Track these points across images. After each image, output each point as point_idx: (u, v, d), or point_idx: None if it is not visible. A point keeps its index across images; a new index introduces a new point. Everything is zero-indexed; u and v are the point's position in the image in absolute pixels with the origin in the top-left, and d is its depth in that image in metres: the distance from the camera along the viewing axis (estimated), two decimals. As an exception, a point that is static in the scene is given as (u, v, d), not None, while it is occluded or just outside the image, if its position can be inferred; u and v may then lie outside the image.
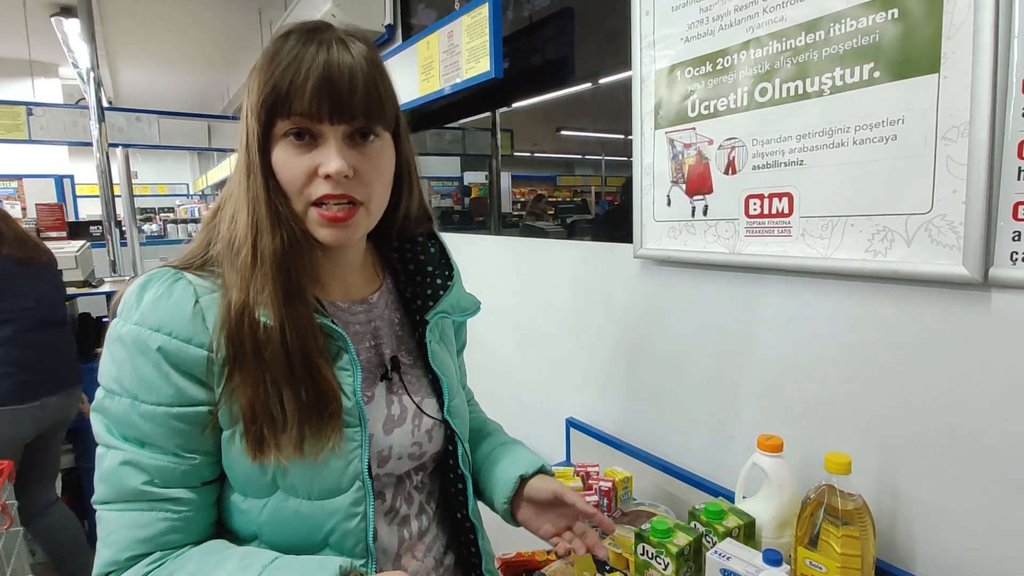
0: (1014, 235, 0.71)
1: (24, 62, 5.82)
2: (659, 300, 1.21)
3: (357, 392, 0.65)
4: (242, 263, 0.61)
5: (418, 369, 0.76)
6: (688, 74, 1.07)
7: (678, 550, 0.81)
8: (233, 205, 0.64)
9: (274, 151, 0.62)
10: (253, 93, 0.62)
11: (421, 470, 0.76)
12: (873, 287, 0.86)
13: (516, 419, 1.75)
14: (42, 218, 3.56)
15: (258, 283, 0.61)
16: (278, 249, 0.61)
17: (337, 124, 0.61)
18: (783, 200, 0.94)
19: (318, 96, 0.59)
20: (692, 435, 1.18)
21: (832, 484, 0.78)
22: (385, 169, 0.67)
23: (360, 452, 0.65)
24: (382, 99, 0.64)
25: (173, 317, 0.60)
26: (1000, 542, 0.76)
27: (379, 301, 0.76)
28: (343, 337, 0.65)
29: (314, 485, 0.63)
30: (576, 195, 10.62)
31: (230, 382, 0.60)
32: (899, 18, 0.78)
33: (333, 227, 0.63)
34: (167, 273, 0.63)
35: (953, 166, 0.74)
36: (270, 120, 0.61)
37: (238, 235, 0.62)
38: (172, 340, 0.59)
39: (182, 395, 0.60)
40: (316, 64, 0.59)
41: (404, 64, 1.99)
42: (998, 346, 0.74)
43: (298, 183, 0.62)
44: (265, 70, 0.61)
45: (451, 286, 0.78)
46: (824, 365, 0.93)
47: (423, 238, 0.81)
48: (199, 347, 0.60)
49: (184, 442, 0.61)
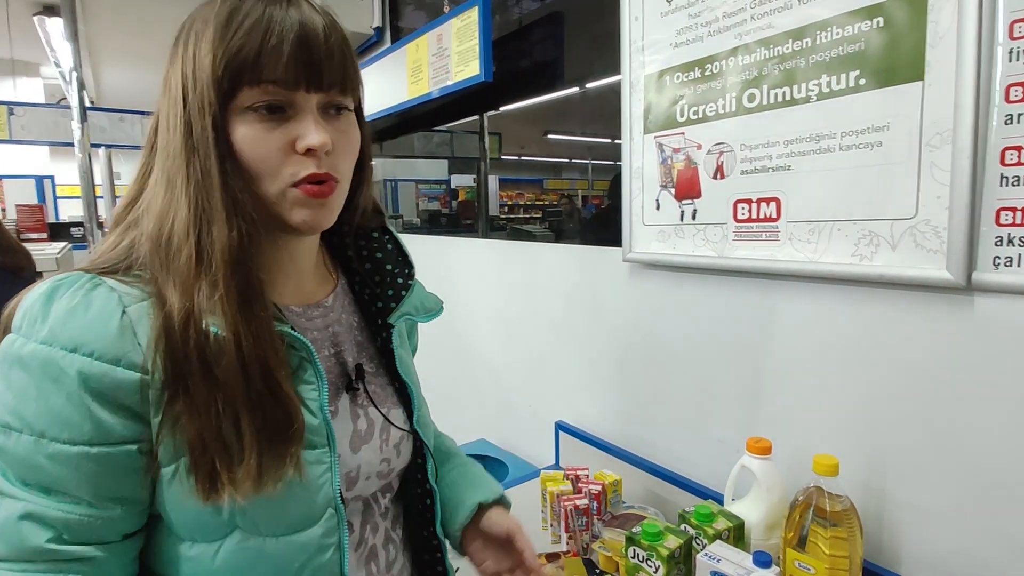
0: (996, 240, 0.72)
1: (6, 61, 5.73)
2: (648, 304, 1.22)
3: (324, 408, 0.58)
4: (183, 263, 0.51)
5: (382, 377, 0.69)
6: (677, 79, 1.08)
7: (669, 553, 0.82)
8: (162, 196, 0.54)
9: (234, 127, 0.53)
10: (206, 58, 0.52)
11: (388, 491, 0.70)
12: (859, 291, 0.87)
13: (505, 422, 1.74)
14: (22, 219, 3.51)
15: (205, 286, 0.51)
16: (233, 243, 0.52)
17: (313, 93, 0.54)
18: (771, 205, 0.95)
19: (295, 61, 0.52)
20: (681, 438, 1.18)
21: (820, 486, 0.79)
22: (355, 144, 0.61)
23: (330, 476, 0.57)
24: (355, 68, 0.58)
25: (94, 333, 0.48)
26: (985, 542, 0.78)
27: (335, 304, 0.68)
28: (306, 346, 0.57)
29: (281, 519, 0.55)
30: (563, 198, 10.66)
31: (172, 408, 0.50)
32: (884, 26, 0.79)
33: (312, 207, 0.56)
34: (80, 279, 0.51)
35: (937, 172, 0.76)
36: (233, 89, 0.52)
37: (176, 231, 0.52)
38: (95, 362, 0.48)
39: (105, 432, 0.49)
40: (290, 24, 0.52)
41: (392, 67, 1.99)
42: (981, 349, 0.76)
43: (273, 161, 0.54)
44: (223, 30, 0.52)
45: (412, 285, 0.71)
46: (811, 368, 0.94)
47: (377, 233, 0.73)
48: (129, 369, 0.49)
49: (102, 489, 0.50)
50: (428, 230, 3.01)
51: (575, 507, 1.06)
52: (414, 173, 4.07)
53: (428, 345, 0.97)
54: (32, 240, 3.55)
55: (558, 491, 1.12)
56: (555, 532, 1.14)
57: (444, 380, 2.03)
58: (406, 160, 3.46)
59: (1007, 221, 0.71)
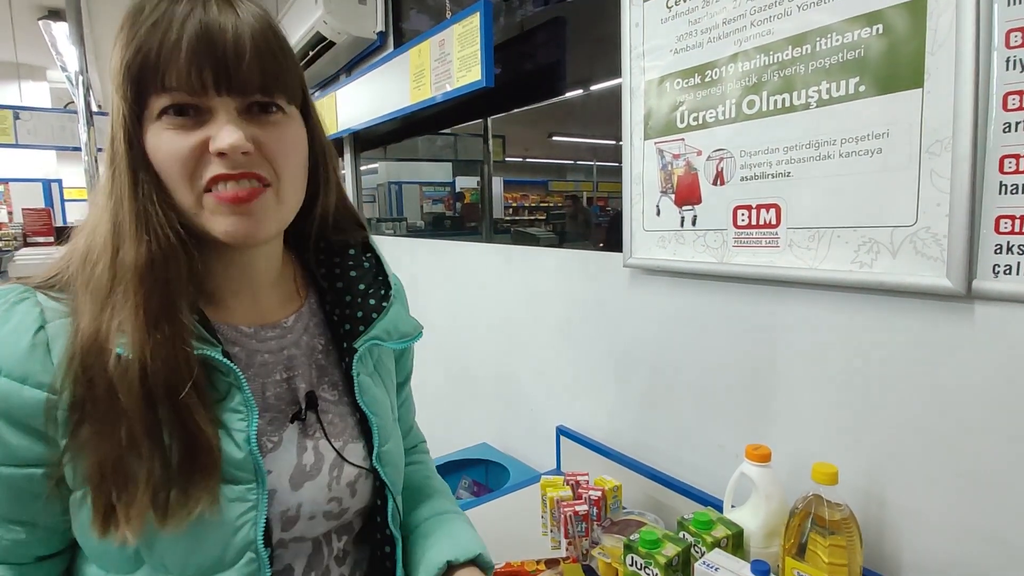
0: (996, 248, 0.72)
1: (11, 65, 5.77)
2: (649, 309, 1.22)
3: (252, 439, 0.52)
4: (98, 279, 0.49)
5: (343, 406, 0.63)
6: (677, 85, 1.08)
7: (666, 561, 0.82)
8: (93, 211, 0.52)
9: (148, 136, 0.50)
10: (115, 63, 0.49)
11: (344, 533, 0.63)
12: (859, 298, 0.87)
13: (507, 426, 1.74)
14: (28, 223, 3.53)
15: (117, 304, 0.48)
16: (142, 260, 0.48)
17: (226, 96, 0.49)
18: (770, 211, 0.94)
19: (197, 62, 0.47)
20: (681, 444, 1.18)
21: (819, 494, 0.79)
22: (294, 144, 0.55)
23: (254, 516, 0.52)
24: (280, 66, 0.52)
25: (5, 350, 0.47)
26: (985, 551, 0.77)
27: (296, 325, 0.63)
28: (233, 371, 0.52)
29: (190, 560, 0.50)
30: (568, 199, 10.64)
31: (78, 433, 0.47)
32: (884, 33, 0.79)
33: (235, 214, 0.50)
34: (12, 292, 0.50)
35: (937, 180, 0.75)
36: (140, 97, 0.49)
37: (96, 246, 0.50)
38: (2, 380, 0.46)
39: (9, 452, 0.47)
40: (192, 23, 0.47)
41: (395, 72, 2.00)
42: (981, 357, 0.75)
43: (185, 167, 0.49)
44: (127, 33, 0.48)
45: (386, 308, 0.64)
46: (811, 375, 0.94)
47: (356, 250, 0.68)
48: (36, 388, 0.47)
49: (8, 511, 0.49)
50: (432, 233, 3.01)
51: (575, 513, 1.06)
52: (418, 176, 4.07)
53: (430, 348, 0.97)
54: (39, 244, 3.57)
55: (558, 496, 1.12)
56: (555, 538, 1.14)
57: (446, 384, 2.03)
58: (410, 163, 3.46)
59: (1006, 229, 0.71)
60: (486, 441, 1.79)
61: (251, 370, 0.58)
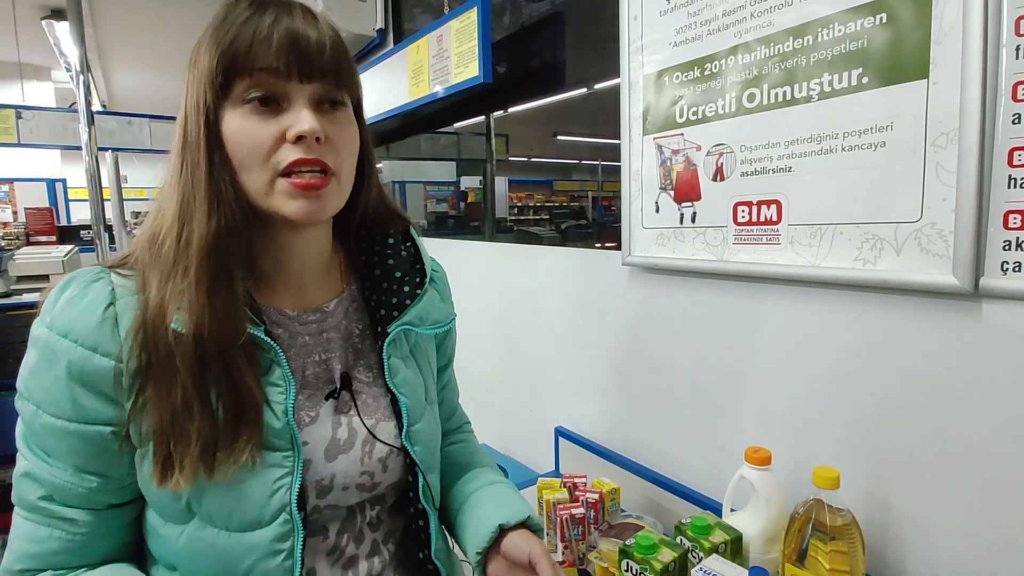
0: (1004, 244, 0.69)
1: (13, 65, 5.79)
2: (648, 308, 1.19)
3: (289, 411, 0.58)
4: (165, 253, 0.55)
5: (377, 388, 0.68)
6: (676, 79, 1.05)
7: (663, 567, 0.79)
8: (161, 194, 0.58)
9: (226, 121, 0.56)
10: (204, 58, 0.55)
11: (378, 503, 0.68)
12: (862, 296, 0.84)
13: (506, 427, 1.72)
14: (31, 222, 3.54)
15: (179, 273, 0.54)
16: (211, 234, 0.54)
17: (306, 83, 0.56)
18: (771, 207, 0.92)
19: (285, 51, 0.54)
20: (681, 446, 1.16)
21: (820, 499, 0.76)
22: (353, 139, 0.62)
23: (289, 480, 0.57)
24: (351, 66, 0.60)
25: (80, 322, 0.53)
26: (992, 556, 0.75)
27: (336, 309, 0.68)
28: (273, 348, 0.58)
29: (232, 515, 0.56)
30: (572, 200, 10.63)
31: (141, 395, 0.53)
32: (887, 23, 0.77)
33: (305, 198, 0.56)
34: (89, 272, 0.57)
35: (943, 174, 0.73)
36: (227, 82, 0.55)
37: (164, 223, 0.56)
38: (78, 348, 0.53)
39: (82, 411, 0.54)
40: (279, 26, 0.55)
41: (394, 69, 1.98)
42: (989, 357, 0.73)
43: (263, 151, 0.55)
44: (217, 31, 0.55)
45: (420, 295, 0.69)
46: (813, 376, 0.92)
47: (395, 239, 0.72)
48: (105, 357, 0.53)
49: (83, 462, 0.55)
50: (435, 232, 3.00)
51: (571, 516, 1.04)
52: (422, 175, 4.07)
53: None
54: (42, 243, 3.57)
55: (554, 499, 1.10)
56: (551, 541, 1.11)
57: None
58: (414, 162, 3.45)
59: (1015, 225, 0.68)
60: (485, 442, 1.77)
61: (292, 350, 0.63)
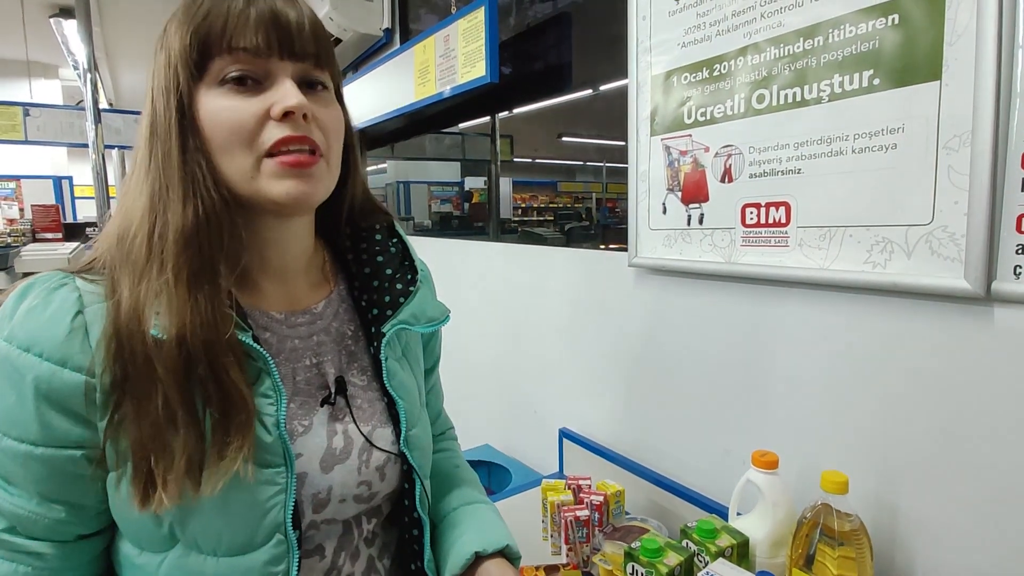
0: (1017, 248, 0.68)
1: (22, 63, 5.82)
2: (654, 310, 1.19)
3: (281, 424, 0.52)
4: (136, 252, 0.49)
5: (372, 392, 0.64)
6: (684, 80, 1.05)
7: (668, 570, 0.79)
8: (126, 191, 0.53)
9: (201, 103, 0.51)
10: (174, 39, 0.51)
11: (374, 516, 0.64)
12: (872, 300, 0.83)
13: (510, 428, 1.72)
14: (37, 219, 3.55)
15: (153, 272, 0.48)
16: (188, 223, 0.49)
17: (288, 61, 0.52)
18: (780, 209, 0.91)
19: (264, 27, 0.51)
20: (686, 448, 1.15)
21: (828, 503, 0.76)
22: (338, 121, 0.58)
23: (283, 499, 0.52)
24: (330, 46, 0.57)
25: (45, 334, 0.47)
26: (1003, 564, 0.74)
27: (325, 311, 0.64)
28: (262, 356, 0.52)
29: (221, 538, 0.51)
30: (577, 201, 10.61)
31: (118, 411, 0.48)
32: (899, 24, 0.76)
33: (295, 177, 0.52)
34: (52, 278, 0.51)
35: (955, 176, 0.72)
36: (203, 61, 0.51)
37: (134, 220, 0.51)
38: (43, 363, 0.47)
39: (51, 433, 0.48)
40: (257, 2, 0.51)
41: (400, 68, 1.98)
42: (1000, 362, 0.72)
43: (246, 131, 0.51)
44: (190, 8, 0.51)
45: (414, 292, 0.65)
46: (821, 379, 0.91)
47: (382, 235, 0.68)
48: (75, 371, 0.48)
49: (50, 490, 0.50)
50: (439, 232, 3.00)
51: (575, 518, 1.04)
52: (426, 175, 4.06)
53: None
54: (47, 240, 3.59)
55: (559, 501, 1.10)
56: (555, 543, 1.11)
57: (449, 384, 2.01)
58: (419, 162, 3.45)
59: (1029, 228, 0.67)
60: (489, 443, 1.77)
61: (281, 355, 0.59)
